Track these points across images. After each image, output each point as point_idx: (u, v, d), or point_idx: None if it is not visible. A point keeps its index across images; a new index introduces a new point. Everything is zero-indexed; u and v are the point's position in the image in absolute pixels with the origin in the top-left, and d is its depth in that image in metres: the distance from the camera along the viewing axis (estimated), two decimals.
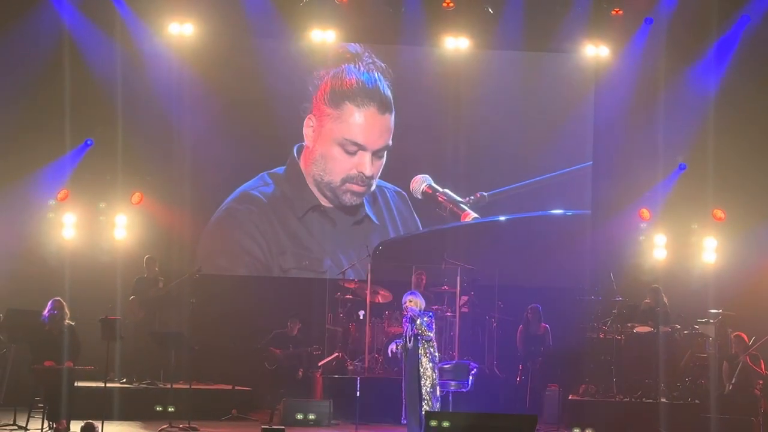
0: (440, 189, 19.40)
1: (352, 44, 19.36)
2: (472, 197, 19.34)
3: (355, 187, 19.22)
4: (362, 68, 19.36)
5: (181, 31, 18.68)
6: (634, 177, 18.95)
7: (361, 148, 19.18)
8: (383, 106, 19.34)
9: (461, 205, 19.37)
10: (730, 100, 18.43)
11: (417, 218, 19.50)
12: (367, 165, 19.17)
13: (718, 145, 18.28)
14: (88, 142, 18.44)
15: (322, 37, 18.98)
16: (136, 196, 18.47)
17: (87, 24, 18.28)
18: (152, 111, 18.61)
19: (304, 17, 18.91)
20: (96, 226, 18.31)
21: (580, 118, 19.68)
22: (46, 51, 18.01)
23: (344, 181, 19.21)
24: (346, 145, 19.18)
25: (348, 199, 19.27)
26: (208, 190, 19.26)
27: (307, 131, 19.28)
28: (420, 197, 19.45)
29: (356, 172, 19.21)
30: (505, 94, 19.64)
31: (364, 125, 19.31)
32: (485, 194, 19.36)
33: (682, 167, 18.87)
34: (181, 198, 18.97)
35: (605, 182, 19.37)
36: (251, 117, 19.33)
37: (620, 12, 18.92)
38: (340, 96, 19.29)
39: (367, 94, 19.33)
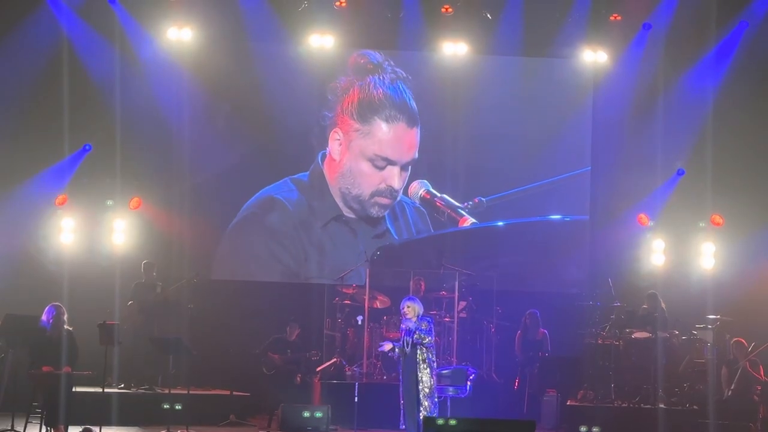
0: (438, 194, 19.40)
1: (372, 53, 19.36)
2: (470, 202, 19.34)
3: (383, 200, 19.25)
4: (387, 80, 19.35)
5: (179, 35, 18.68)
6: (632, 182, 18.95)
7: (390, 162, 19.22)
8: (411, 120, 19.38)
9: (459, 210, 19.38)
10: (728, 105, 18.41)
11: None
12: (396, 179, 19.21)
13: (717, 150, 18.28)
14: (87, 147, 18.43)
15: (321, 42, 18.99)
16: (135, 201, 18.45)
17: (86, 29, 18.29)
18: (151, 116, 18.60)
19: (302, 22, 18.94)
20: (94, 231, 18.30)
21: (579, 123, 19.68)
22: (45, 56, 18.02)
23: (373, 194, 19.23)
24: (375, 161, 19.19)
25: (375, 212, 19.29)
26: (206, 195, 19.25)
27: (334, 145, 19.29)
28: (418, 203, 19.45)
29: (385, 186, 19.24)
30: (504, 99, 19.63)
31: (394, 140, 19.35)
32: (483, 199, 19.35)
33: (680, 172, 18.86)
34: (179, 203, 18.99)
35: (604, 187, 19.37)
36: (250, 122, 19.35)
37: (619, 17, 18.93)
38: (369, 110, 19.33)
39: (396, 108, 19.35)
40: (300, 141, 19.44)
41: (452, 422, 11.82)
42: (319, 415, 15.74)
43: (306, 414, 15.81)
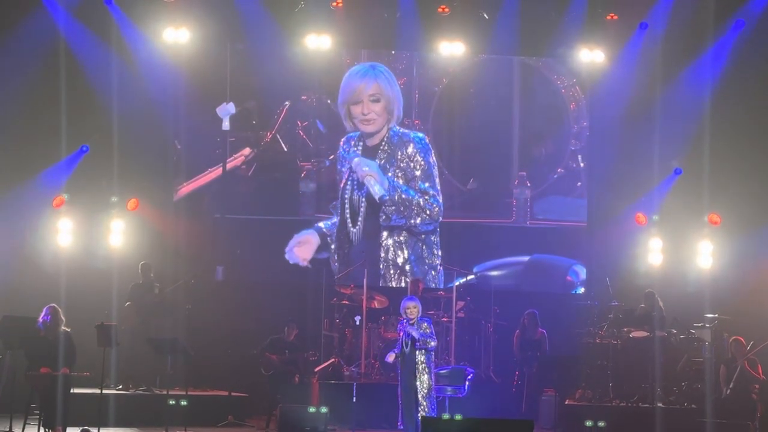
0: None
1: None
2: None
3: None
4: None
5: (176, 36, 18.68)
6: (629, 181, 18.96)
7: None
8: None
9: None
10: (725, 104, 18.44)
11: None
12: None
13: (714, 149, 18.29)
14: (84, 149, 18.41)
15: (318, 42, 18.99)
16: (132, 202, 18.43)
17: (82, 30, 18.29)
18: (147, 117, 18.58)
19: (299, 23, 18.95)
20: (92, 233, 18.29)
21: (576, 122, 19.69)
22: (42, 57, 18.00)
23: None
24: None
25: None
26: (203, 196, 19.27)
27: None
28: None
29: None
30: (500, 98, 19.66)
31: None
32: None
33: (677, 172, 18.85)
34: (176, 204, 19.02)
35: (601, 186, 19.38)
36: (246, 122, 19.36)
37: (615, 17, 18.96)
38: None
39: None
40: (297, 141, 19.46)
41: (458, 417, 11.92)
42: (324, 410, 15.62)
43: (312, 409, 15.71)
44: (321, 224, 19.25)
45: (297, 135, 19.53)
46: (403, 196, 18.96)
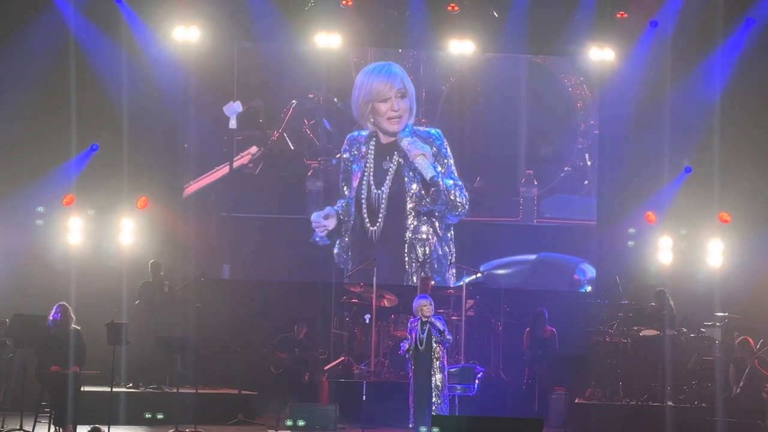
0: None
1: None
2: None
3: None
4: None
5: (186, 35, 18.67)
6: (639, 180, 18.92)
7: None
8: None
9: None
10: (735, 102, 18.41)
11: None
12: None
13: (724, 147, 18.25)
14: (94, 147, 18.43)
15: (327, 40, 18.98)
16: (142, 201, 18.44)
17: (92, 29, 18.29)
18: (157, 115, 18.62)
19: (308, 21, 18.94)
20: (102, 231, 18.30)
21: (585, 120, 19.68)
22: (52, 56, 18.02)
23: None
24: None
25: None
26: (213, 194, 19.27)
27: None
28: None
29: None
30: (510, 97, 19.64)
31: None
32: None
33: (687, 170, 18.83)
34: (186, 202, 19.02)
35: (611, 185, 19.35)
36: (256, 120, 19.36)
37: (625, 15, 18.92)
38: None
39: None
40: (304, 140, 19.46)
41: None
42: (301, 423, 15.66)
43: (289, 423, 15.75)
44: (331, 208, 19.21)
45: (304, 133, 19.53)
46: (445, 185, 19.02)
